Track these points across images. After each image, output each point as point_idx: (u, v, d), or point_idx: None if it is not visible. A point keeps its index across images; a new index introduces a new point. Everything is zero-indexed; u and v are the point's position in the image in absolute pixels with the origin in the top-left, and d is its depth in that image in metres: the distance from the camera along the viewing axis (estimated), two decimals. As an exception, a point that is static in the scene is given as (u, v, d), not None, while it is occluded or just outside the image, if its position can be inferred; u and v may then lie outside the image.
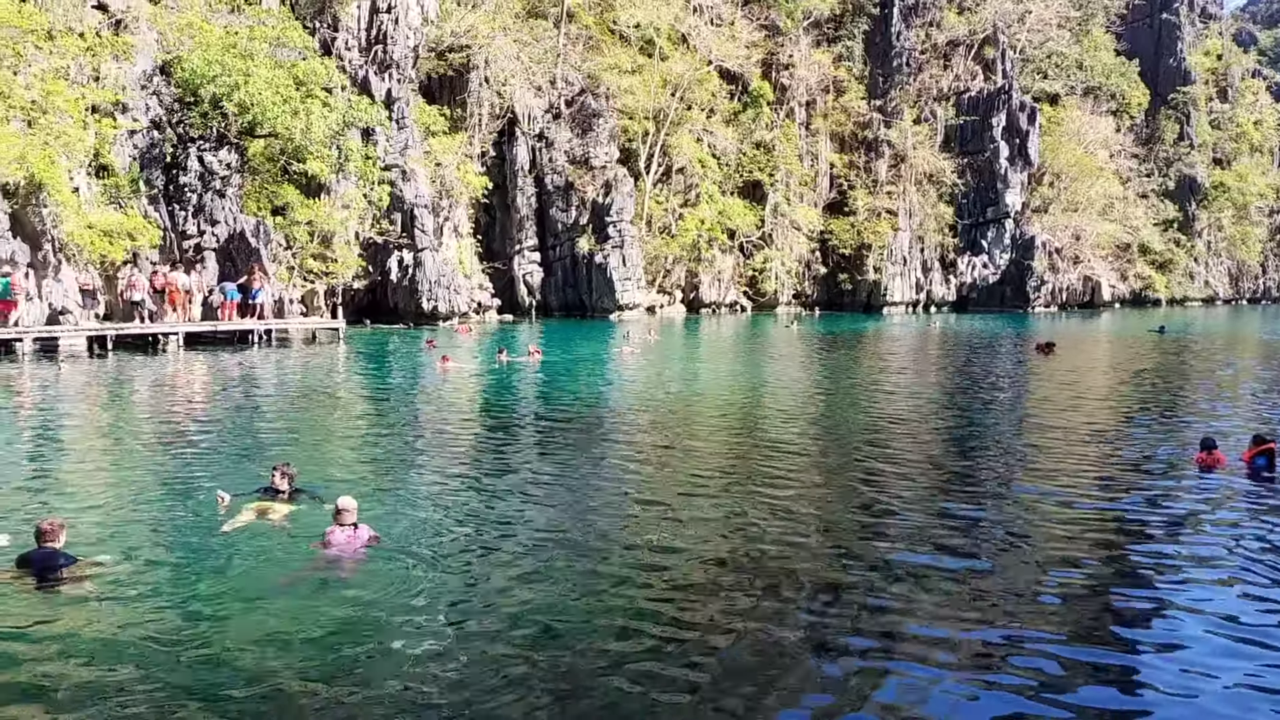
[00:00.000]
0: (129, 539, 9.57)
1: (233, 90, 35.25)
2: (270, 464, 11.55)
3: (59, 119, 32.13)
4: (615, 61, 59.31)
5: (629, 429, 17.08)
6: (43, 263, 30.96)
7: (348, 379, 26.75)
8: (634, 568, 8.85)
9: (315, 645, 7.08)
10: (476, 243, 53.78)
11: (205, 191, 36.30)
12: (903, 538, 9.88)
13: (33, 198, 30.36)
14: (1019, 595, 8.29)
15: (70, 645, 7.02)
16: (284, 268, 38.66)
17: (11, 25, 31.70)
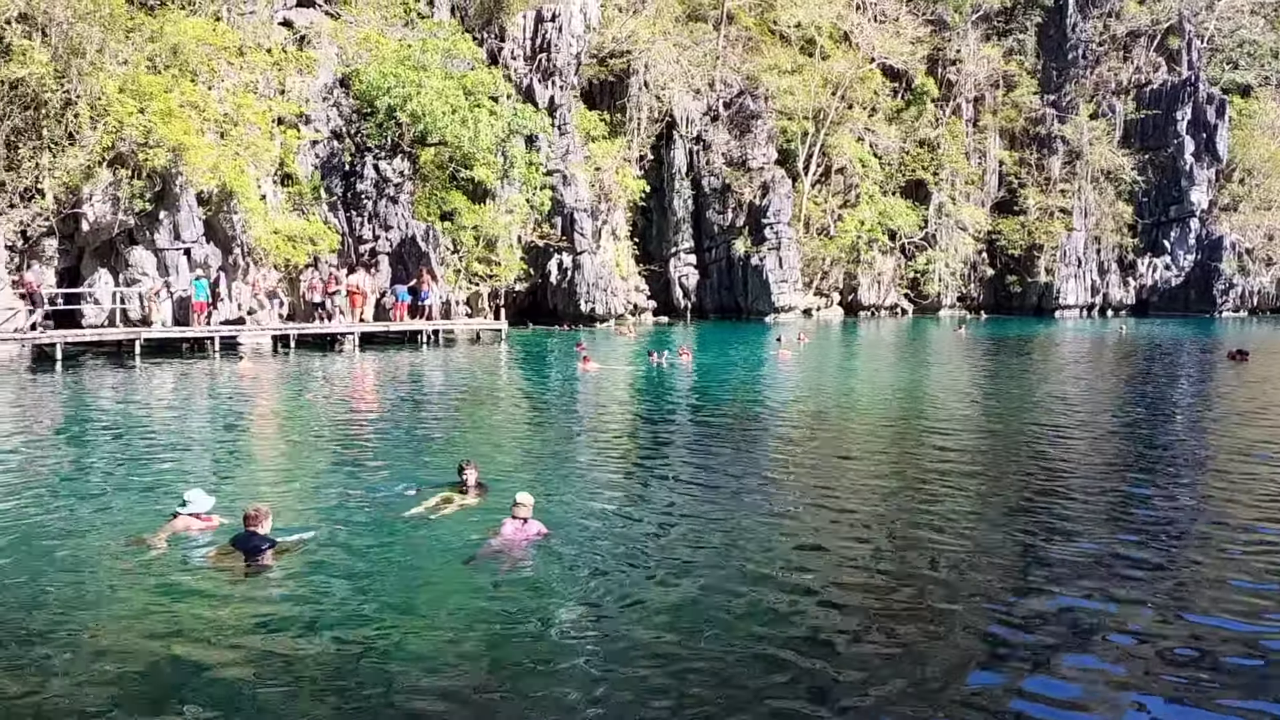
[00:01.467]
0: (321, 525, 10.24)
1: (406, 101, 36.86)
2: (438, 457, 12.19)
3: (248, 130, 34.38)
4: (775, 62, 58.95)
5: (781, 433, 16.97)
6: (233, 266, 33.19)
7: (509, 378, 27.62)
8: (784, 576, 8.76)
9: (470, 628, 7.50)
10: (633, 245, 54.46)
11: (380, 198, 38.11)
12: (1076, 573, 9.02)
13: (224, 205, 32.62)
14: (1198, 661, 7.30)
15: (263, 620, 7.63)
16: (451, 271, 40.15)
17: (208, 43, 34.13)
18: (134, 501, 11.43)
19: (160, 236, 31.32)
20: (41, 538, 9.84)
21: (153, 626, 7.48)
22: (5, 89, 30.03)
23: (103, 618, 7.65)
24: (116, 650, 7.02)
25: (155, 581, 8.54)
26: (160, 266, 31.39)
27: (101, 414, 19.27)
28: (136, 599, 8.08)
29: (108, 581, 8.52)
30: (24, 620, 7.51)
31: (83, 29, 30.72)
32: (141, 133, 30.26)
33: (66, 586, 8.38)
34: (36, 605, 7.87)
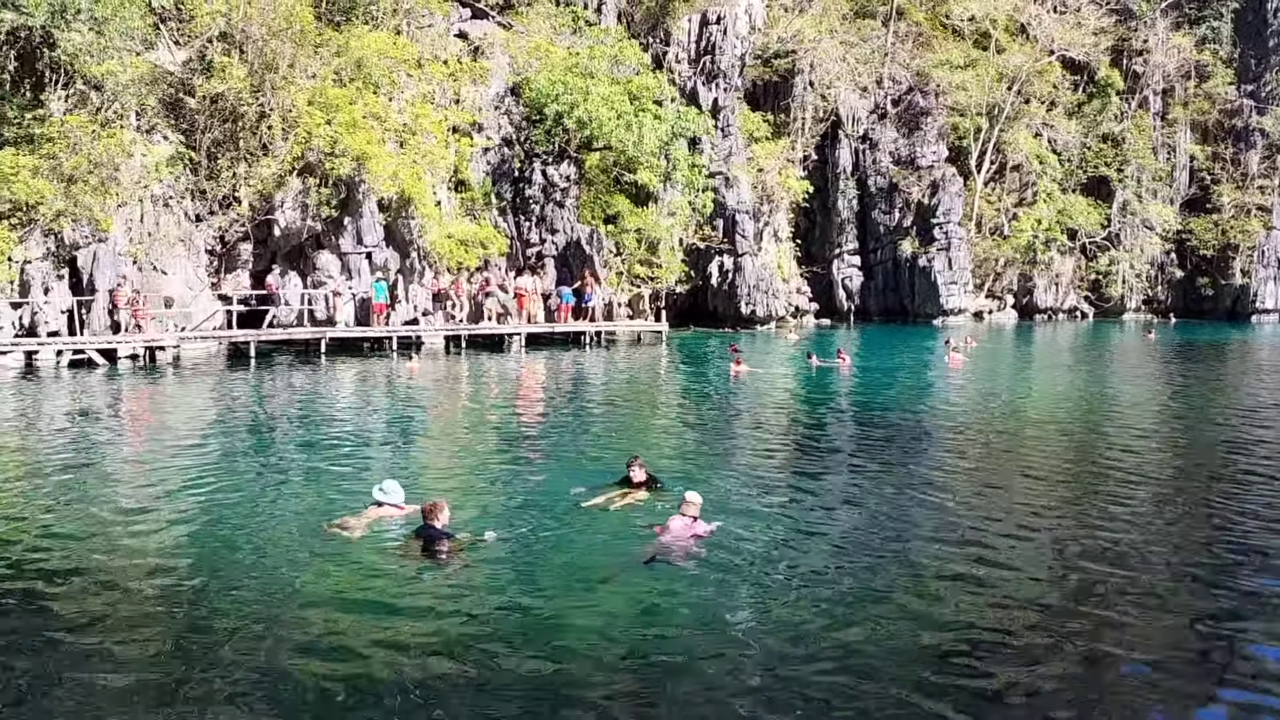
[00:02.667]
0: (494, 518, 10.74)
1: (573, 107, 37.67)
2: (604, 454, 12.49)
3: (425, 139, 35.89)
4: (946, 57, 57.18)
5: (949, 442, 16.47)
6: (409, 269, 34.72)
7: (666, 379, 27.85)
8: (946, 591, 8.54)
9: (633, 622, 7.75)
10: (795, 247, 53.89)
11: (547, 203, 39.08)
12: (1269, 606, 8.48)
13: (403, 211, 34.15)
14: None
15: (434, 608, 8.07)
16: (613, 273, 40.77)
17: (389, 56, 35.82)
18: (321, 489, 12.27)
19: (344, 241, 33.08)
20: (237, 521, 10.70)
21: (334, 607, 8.03)
22: (207, 103, 32.36)
23: (288, 598, 8.23)
24: (297, 629, 7.55)
25: (342, 566, 9.14)
26: (344, 269, 33.14)
27: (290, 408, 20.59)
28: (323, 582, 8.69)
29: (298, 564, 9.16)
30: (219, 596, 8.15)
31: (276, 45, 32.77)
32: (328, 143, 32.03)
33: (256, 567, 9.10)
34: (232, 584, 8.53)
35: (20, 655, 6.90)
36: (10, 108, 30.09)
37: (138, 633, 7.40)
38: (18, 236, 28.59)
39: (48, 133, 29.30)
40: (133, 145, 30.54)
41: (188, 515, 11.00)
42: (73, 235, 29.01)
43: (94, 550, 9.49)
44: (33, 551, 9.33)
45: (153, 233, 30.88)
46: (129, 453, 15.22)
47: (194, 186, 32.58)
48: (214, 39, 32.86)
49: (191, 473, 13.28)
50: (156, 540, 9.93)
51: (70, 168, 28.83)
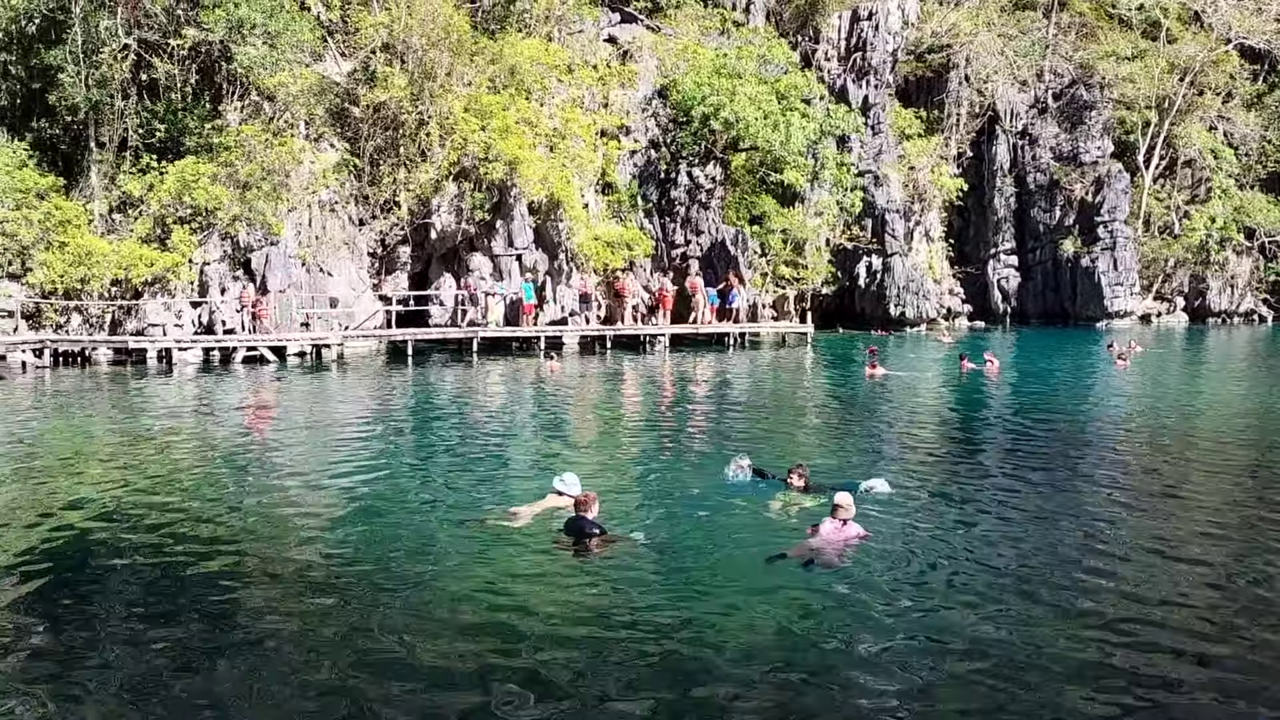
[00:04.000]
0: (640, 513, 10.99)
1: (719, 109, 37.69)
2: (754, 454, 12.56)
3: (574, 143, 36.59)
4: (1112, 48, 54.53)
5: (1108, 453, 15.69)
6: (557, 270, 35.45)
7: (811, 381, 27.55)
8: (1107, 610, 8.13)
9: (779, 623, 7.77)
10: (948, 246, 52.43)
11: (692, 204, 39.25)
12: None
13: (552, 213, 34.90)
14: None
15: (580, 601, 8.30)
16: (758, 274, 40.59)
17: (541, 62, 36.67)
18: (471, 481, 12.82)
19: (496, 243, 34.06)
20: (395, 510, 11.31)
21: (482, 596, 8.33)
22: (370, 112, 33.87)
23: (439, 585, 8.62)
24: (446, 615, 7.90)
25: (494, 555, 9.49)
26: (496, 271, 34.12)
27: (443, 403, 21.42)
28: (474, 570, 9.04)
29: (451, 552, 9.56)
30: (375, 584, 8.58)
31: (434, 55, 34.02)
32: (482, 148, 33.04)
33: (410, 554, 9.56)
34: (388, 572, 8.98)
35: (185, 641, 7.39)
36: (192, 118, 32.24)
37: (296, 618, 7.82)
38: (198, 240, 30.63)
39: (225, 142, 31.26)
40: (302, 153, 32.25)
41: (347, 504, 11.63)
42: (247, 238, 30.87)
43: (260, 538, 10.09)
44: (203, 540, 9.97)
45: (320, 236, 32.54)
46: (296, 444, 16.12)
47: (357, 192, 34.16)
48: (377, 50, 34.36)
49: (352, 463, 14.04)
50: (318, 528, 10.51)
51: (245, 175, 30.68)
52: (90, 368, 27.82)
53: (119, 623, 7.73)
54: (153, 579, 8.80)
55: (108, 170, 31.93)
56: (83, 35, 30.75)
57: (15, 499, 11.82)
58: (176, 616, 7.82)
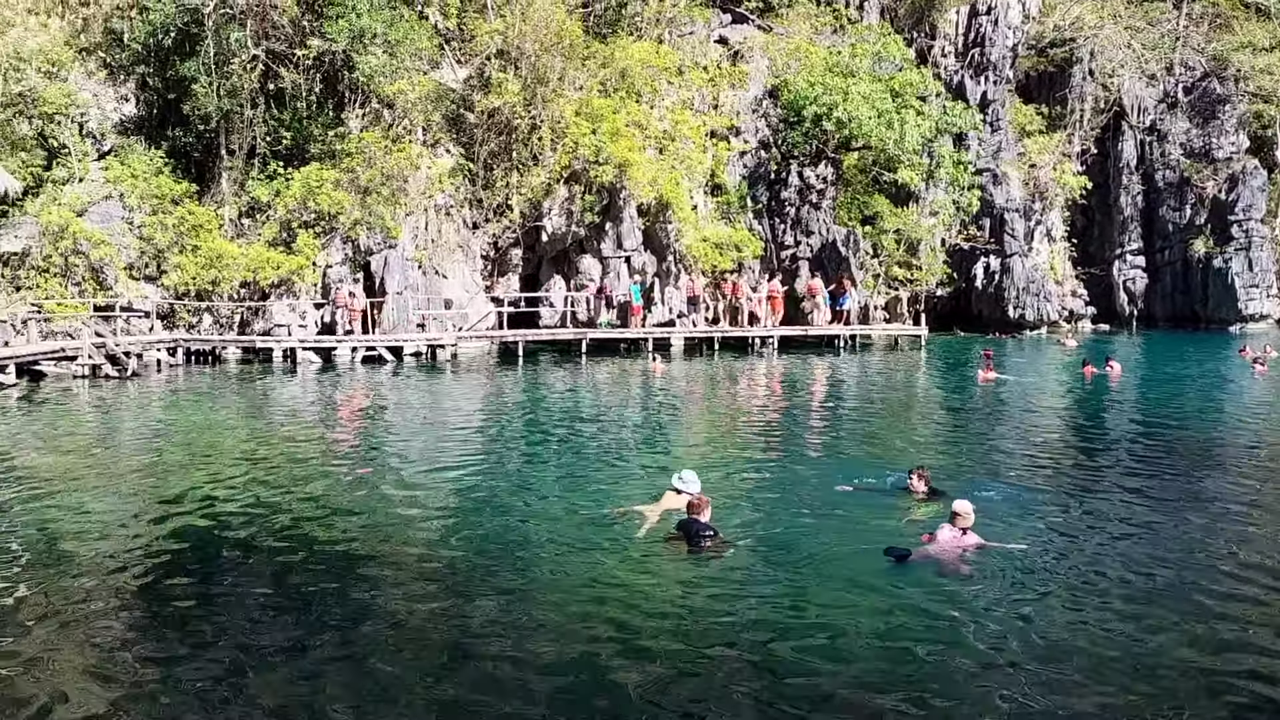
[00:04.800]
0: (754, 518, 10.93)
1: (832, 108, 37.18)
2: (861, 456, 12.29)
3: (684, 145, 36.61)
4: (1248, 39, 51.73)
5: (1242, 463, 14.90)
6: (665, 272, 35.52)
7: (922, 385, 26.93)
8: (1231, 636, 7.74)
9: (890, 630, 7.67)
10: (1070, 247, 50.56)
11: (802, 204, 38.82)
12: None
13: (661, 215, 34.99)
14: None
15: (692, 601, 8.29)
16: (870, 275, 39.91)
17: (651, 65, 36.81)
18: (579, 479, 12.98)
19: (605, 245, 34.33)
20: (506, 506, 11.57)
21: (588, 594, 8.42)
22: (484, 117, 34.52)
23: (546, 582, 8.75)
24: (552, 612, 7.99)
25: (604, 553, 9.59)
26: (604, 273, 34.39)
27: (552, 403, 21.69)
28: (583, 568, 9.16)
29: (560, 549, 9.73)
30: (483, 580, 8.76)
31: (547, 60, 34.49)
32: (593, 151, 33.35)
33: (520, 550, 9.74)
34: (497, 567, 9.17)
35: (302, 636, 7.63)
36: (316, 126, 33.43)
37: (409, 612, 8.01)
38: (320, 243, 31.72)
39: (347, 148, 32.32)
40: (419, 158, 33.11)
41: (461, 500, 11.94)
42: (367, 242, 31.84)
43: (377, 534, 10.36)
44: (323, 534, 10.31)
45: (435, 239, 33.34)
46: (412, 441, 16.57)
47: (472, 196, 34.87)
48: (492, 56, 35.01)
49: (465, 460, 14.42)
50: (432, 524, 10.77)
51: (366, 180, 31.66)
52: (220, 366, 29.09)
53: (239, 617, 8.02)
54: (274, 573, 9.14)
55: (237, 177, 33.37)
56: (215, 47, 32.17)
57: (147, 491, 12.44)
58: (295, 609, 8.12)
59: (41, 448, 15.86)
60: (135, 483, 13.03)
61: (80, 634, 7.52)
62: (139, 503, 11.81)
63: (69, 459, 14.91)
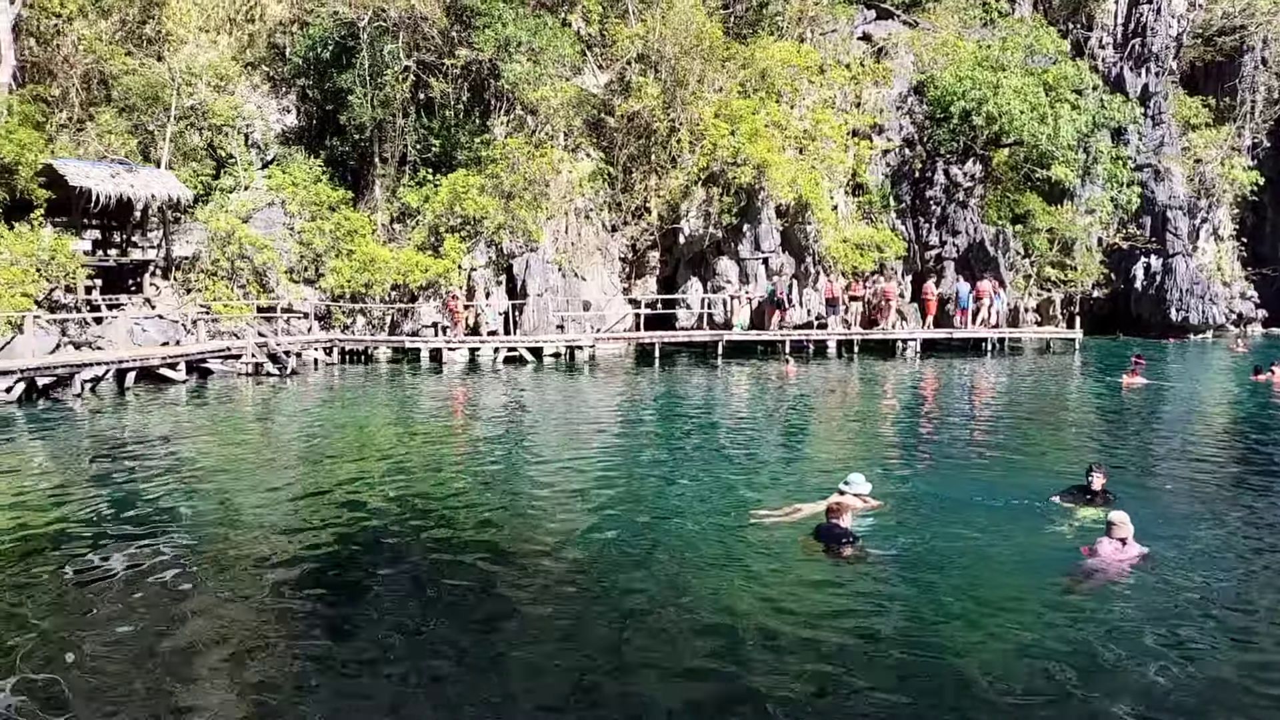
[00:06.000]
0: (897, 523, 10.66)
1: (981, 103, 35.99)
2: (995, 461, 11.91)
3: (824, 145, 36.10)
4: None
5: None
6: (804, 274, 35.09)
7: (1066, 390, 25.72)
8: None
9: (1042, 646, 7.30)
10: (1239, 246, 47.55)
11: (948, 203, 37.72)
12: None
13: (800, 216, 34.59)
14: None
15: (832, 607, 8.14)
16: (1020, 276, 38.46)
17: (792, 64, 36.44)
18: (717, 480, 12.87)
19: (743, 247, 34.17)
20: (641, 506, 11.67)
21: (726, 594, 8.37)
22: (624, 121, 34.87)
23: (682, 584, 8.71)
24: (691, 611, 8.02)
25: (747, 554, 9.53)
26: (742, 275, 34.24)
27: (688, 404, 21.71)
28: (724, 568, 9.13)
29: (699, 552, 9.69)
30: (620, 578, 8.86)
31: (687, 63, 34.57)
32: (731, 153, 33.24)
33: (657, 550, 9.75)
34: (635, 566, 9.21)
35: (440, 626, 7.84)
36: (463, 133, 34.44)
37: (552, 609, 8.13)
38: (466, 247, 32.64)
39: (491, 154, 33.16)
40: (561, 163, 33.68)
41: (599, 498, 12.04)
42: (510, 245, 32.61)
43: (520, 531, 10.55)
44: (467, 531, 10.57)
45: (575, 242, 33.85)
46: (553, 440, 16.88)
47: (611, 199, 35.28)
48: (632, 61, 35.34)
49: (602, 459, 14.63)
50: (570, 521, 10.94)
51: (509, 185, 32.42)
52: (371, 365, 30.27)
53: (383, 606, 8.32)
54: (417, 565, 9.42)
55: (389, 184, 34.70)
56: (369, 60, 33.54)
57: (303, 481, 13.07)
58: (435, 603, 8.33)
59: (208, 439, 16.86)
60: (292, 473, 13.72)
61: (236, 615, 7.94)
62: (294, 492, 12.42)
63: (233, 450, 15.83)
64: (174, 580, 8.70)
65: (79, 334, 26.39)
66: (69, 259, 27.37)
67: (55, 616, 7.85)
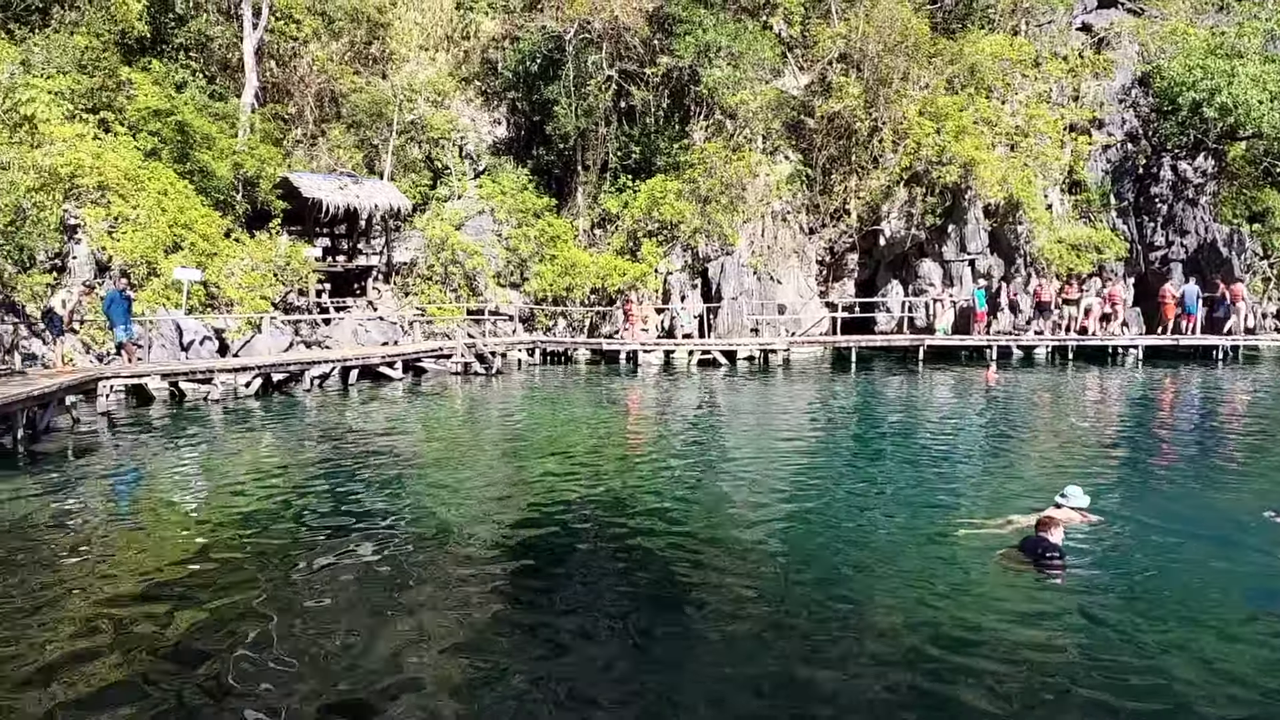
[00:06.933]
0: (1113, 543, 10.01)
1: (1214, 93, 33.36)
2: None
3: (1038, 141, 34.43)
4: None
5: None
6: (1013, 276, 33.57)
7: None
8: None
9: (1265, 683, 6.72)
10: None
11: (1176, 201, 35.14)
12: None
13: (1010, 216, 33.14)
14: None
15: (1029, 622, 7.71)
16: (1258, 278, 35.36)
17: (1004, 58, 34.96)
18: (915, 490, 12.50)
19: (947, 249, 33.08)
20: (836, 511, 11.40)
21: (918, 606, 8.03)
22: (824, 122, 34.49)
23: (884, 592, 8.44)
24: (883, 618, 7.79)
25: (945, 565, 9.15)
26: (945, 277, 33.14)
27: (884, 410, 21.17)
28: (919, 578, 8.77)
29: (903, 556, 9.43)
30: (810, 584, 8.69)
31: (890, 60, 33.83)
32: (936, 151, 32.27)
33: (848, 558, 9.48)
34: (826, 573, 9.02)
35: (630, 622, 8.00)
36: (662, 139, 35.03)
37: (736, 612, 8.13)
38: (663, 251, 33.18)
39: (689, 160, 33.57)
40: (758, 166, 33.69)
41: (790, 503, 11.85)
42: (705, 249, 32.89)
43: (711, 534, 10.45)
44: (655, 531, 10.66)
45: (771, 245, 33.77)
46: (743, 442, 16.91)
47: (809, 201, 34.97)
48: (833, 61, 34.91)
49: (794, 463, 14.48)
50: (761, 525, 10.77)
51: (706, 189, 32.71)
52: (571, 366, 31.24)
53: (575, 598, 8.48)
54: (610, 560, 9.50)
55: (591, 190, 35.76)
56: (574, 71, 34.69)
57: (507, 476, 13.71)
58: (627, 600, 8.38)
59: (421, 433, 17.95)
60: (496, 466, 14.43)
61: (441, 598, 8.40)
62: (498, 484, 13.05)
63: (443, 443, 16.83)
64: (385, 564, 9.25)
65: (310, 334, 28.62)
66: (302, 265, 29.73)
67: (275, 597, 8.55)
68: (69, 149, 24.78)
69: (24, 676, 6.72)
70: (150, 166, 27.64)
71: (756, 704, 6.44)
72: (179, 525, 10.87)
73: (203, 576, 8.79)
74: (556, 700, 6.48)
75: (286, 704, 6.32)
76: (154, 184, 26.99)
